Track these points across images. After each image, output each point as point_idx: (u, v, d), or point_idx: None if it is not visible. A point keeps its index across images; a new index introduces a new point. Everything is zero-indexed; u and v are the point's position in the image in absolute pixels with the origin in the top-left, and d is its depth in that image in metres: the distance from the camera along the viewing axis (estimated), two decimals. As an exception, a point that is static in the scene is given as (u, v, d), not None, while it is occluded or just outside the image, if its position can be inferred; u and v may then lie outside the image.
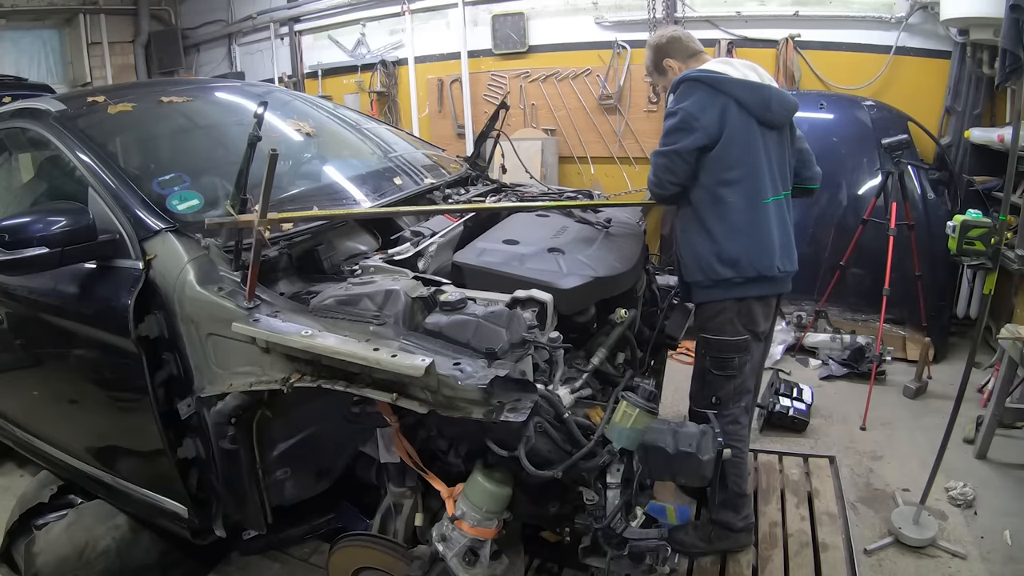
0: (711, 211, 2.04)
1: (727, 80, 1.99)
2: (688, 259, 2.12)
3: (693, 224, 2.09)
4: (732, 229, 2.03)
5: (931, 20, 4.03)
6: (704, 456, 1.49)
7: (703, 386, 2.18)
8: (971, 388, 3.07)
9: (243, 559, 2.38)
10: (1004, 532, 2.42)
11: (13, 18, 6.05)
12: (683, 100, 2.01)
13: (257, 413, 1.70)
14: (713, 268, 2.05)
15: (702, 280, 2.09)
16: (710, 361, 2.13)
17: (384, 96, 5.90)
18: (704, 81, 1.99)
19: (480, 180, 2.80)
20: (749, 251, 2.03)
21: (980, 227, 2.94)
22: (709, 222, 2.04)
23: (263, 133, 1.62)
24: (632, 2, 4.81)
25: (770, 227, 2.05)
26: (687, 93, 2.01)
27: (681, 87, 2.03)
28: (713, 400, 2.13)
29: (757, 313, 2.12)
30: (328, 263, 1.93)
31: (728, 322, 2.08)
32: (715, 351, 2.11)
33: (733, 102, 1.98)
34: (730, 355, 2.09)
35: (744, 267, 2.04)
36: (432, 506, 1.83)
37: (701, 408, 2.13)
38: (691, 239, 2.10)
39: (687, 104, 1.99)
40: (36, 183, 2.42)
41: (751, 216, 2.03)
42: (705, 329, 2.13)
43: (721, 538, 2.26)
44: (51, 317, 1.97)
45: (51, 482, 2.42)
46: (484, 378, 1.34)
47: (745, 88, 1.99)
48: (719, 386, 2.13)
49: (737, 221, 2.03)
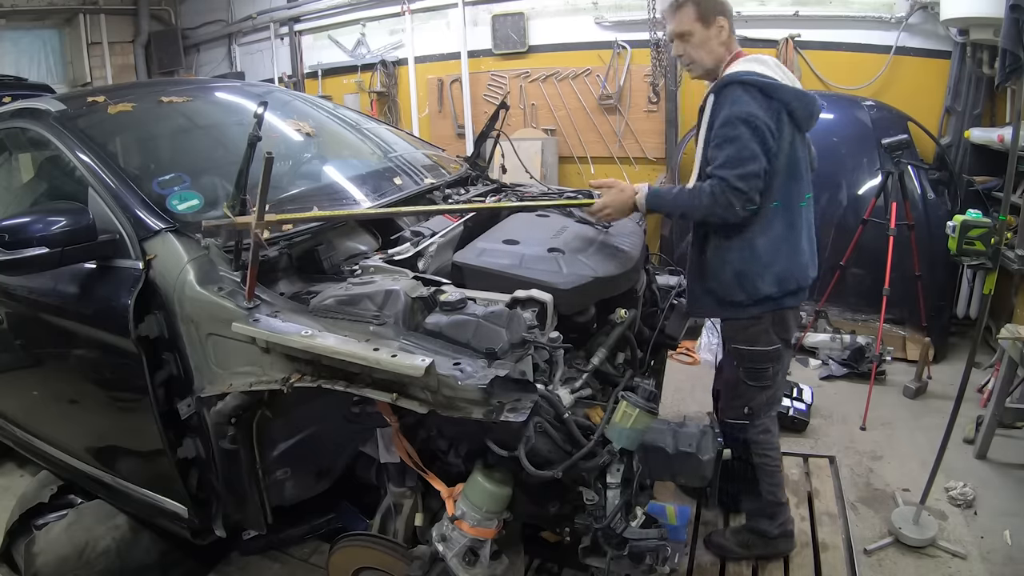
0: (755, 226, 1.92)
1: (780, 87, 1.85)
2: (727, 278, 1.98)
3: (733, 240, 1.95)
4: (776, 243, 1.94)
5: (931, 20, 4.03)
6: (704, 456, 1.49)
7: (735, 397, 2.11)
8: (971, 388, 3.06)
9: (243, 559, 2.38)
10: (1004, 532, 2.42)
11: (13, 18, 6.05)
12: (746, 105, 1.81)
13: (257, 413, 1.70)
14: (756, 286, 1.95)
15: (743, 300, 1.98)
16: (744, 372, 2.05)
17: (384, 96, 5.90)
18: (758, 86, 1.83)
19: (480, 180, 2.80)
20: (791, 264, 1.97)
21: (980, 227, 2.95)
22: (753, 237, 1.93)
23: (263, 133, 1.62)
24: (632, 2, 4.81)
25: (804, 235, 2.01)
26: (748, 99, 1.82)
27: (731, 90, 1.84)
28: (745, 411, 2.08)
29: (790, 321, 2.07)
30: (328, 263, 1.93)
31: (762, 333, 2.02)
32: (749, 362, 2.04)
33: (785, 111, 1.86)
34: (765, 365, 2.04)
35: (787, 282, 1.97)
36: (432, 506, 1.83)
37: (733, 419, 2.09)
38: (730, 256, 1.97)
39: (754, 110, 1.81)
40: (36, 183, 2.42)
41: (793, 228, 1.96)
42: (737, 341, 2.05)
43: (757, 545, 2.25)
44: (51, 317, 1.97)
45: (51, 482, 2.42)
46: (484, 378, 1.34)
47: (796, 97, 1.87)
48: (752, 397, 2.08)
49: (780, 235, 1.94)
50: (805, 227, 2.02)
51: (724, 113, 1.84)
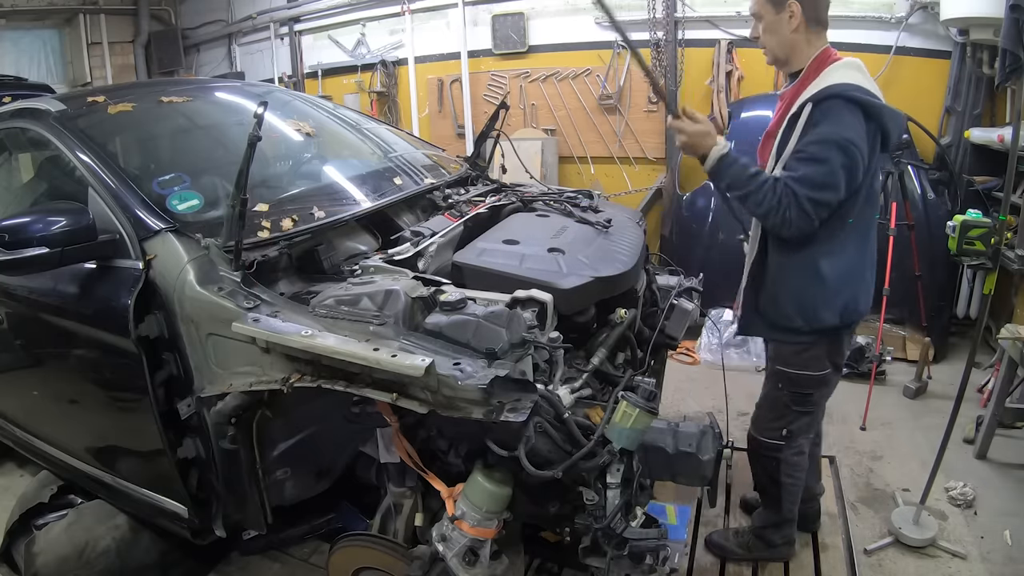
0: (823, 246, 1.80)
1: (881, 108, 1.70)
2: (790, 306, 1.86)
3: (801, 266, 1.83)
4: (847, 268, 1.83)
5: (931, 20, 4.03)
6: (704, 456, 1.49)
7: (776, 418, 2.02)
8: (971, 388, 3.06)
9: (243, 559, 2.38)
10: (1004, 532, 2.42)
11: (13, 18, 6.05)
12: (849, 129, 1.67)
13: (257, 413, 1.70)
14: (819, 316, 1.85)
15: (801, 326, 1.87)
16: (790, 397, 1.97)
17: (384, 96, 5.90)
18: (862, 106, 1.68)
19: (480, 180, 2.80)
20: (858, 294, 1.88)
21: (980, 227, 2.95)
22: (823, 265, 1.81)
23: (263, 133, 1.62)
24: (632, 2, 4.80)
25: (871, 259, 1.92)
26: (851, 120, 1.67)
27: (833, 106, 1.68)
28: (784, 433, 2.01)
29: (843, 345, 1.98)
30: (328, 263, 1.93)
31: (815, 359, 1.93)
32: (796, 387, 1.96)
33: (879, 133, 1.73)
34: (812, 390, 1.97)
35: (851, 313, 1.88)
36: (432, 506, 1.83)
37: (769, 439, 2.04)
38: (796, 284, 1.84)
39: (855, 136, 1.67)
40: (36, 183, 2.42)
41: (863, 252, 1.86)
42: (787, 364, 1.95)
43: (759, 549, 2.25)
44: (51, 317, 1.97)
45: (51, 482, 2.42)
46: (484, 378, 1.34)
47: (891, 118, 1.73)
48: (792, 420, 2.01)
49: (851, 259, 1.84)
50: (872, 250, 1.92)
51: (821, 130, 1.69)
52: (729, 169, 1.79)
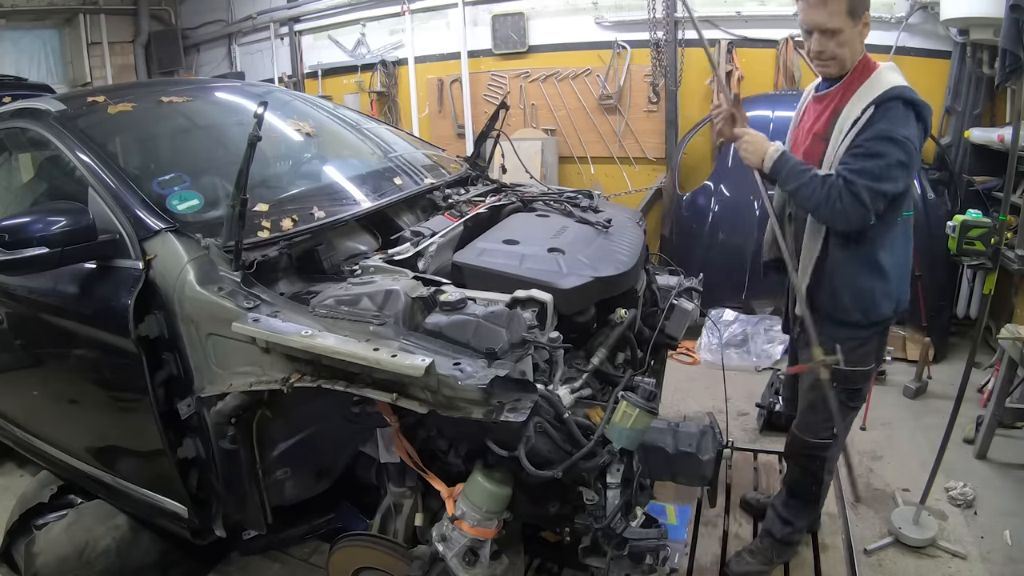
0: (880, 240, 1.84)
1: (928, 108, 1.76)
2: (849, 299, 1.88)
3: (861, 259, 1.85)
4: (900, 260, 1.89)
5: (931, 20, 4.03)
6: (704, 456, 1.49)
7: (828, 418, 1.97)
8: (971, 388, 3.06)
9: (243, 559, 2.38)
10: (1004, 532, 2.42)
11: (13, 18, 6.05)
12: (904, 127, 1.71)
13: (257, 413, 1.70)
14: (878, 308, 1.88)
15: (860, 320, 1.90)
16: (845, 394, 1.95)
17: (384, 96, 5.90)
18: (916, 106, 1.73)
19: (480, 180, 2.80)
20: (907, 286, 1.93)
21: (980, 227, 2.94)
22: (882, 258, 1.85)
23: (263, 133, 1.62)
24: (632, 2, 4.81)
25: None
26: (905, 119, 1.72)
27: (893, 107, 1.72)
28: (833, 431, 2.00)
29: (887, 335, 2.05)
30: (328, 263, 1.93)
31: (868, 353, 1.96)
32: (850, 383, 1.94)
33: (925, 132, 1.78)
34: (861, 385, 2.00)
35: (902, 304, 1.92)
36: (432, 506, 1.83)
37: (817, 439, 2.03)
38: (857, 277, 1.86)
39: (910, 133, 1.71)
40: (36, 183, 2.42)
41: (909, 242, 1.93)
42: (850, 363, 1.89)
43: (785, 552, 2.23)
44: (51, 317, 1.97)
45: (51, 482, 2.42)
46: (484, 378, 1.34)
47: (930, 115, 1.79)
48: (843, 417, 2.00)
49: (902, 250, 1.90)
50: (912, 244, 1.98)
51: (878, 127, 1.72)
52: (788, 167, 1.84)
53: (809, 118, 1.98)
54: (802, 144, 1.97)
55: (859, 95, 1.78)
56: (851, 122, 1.77)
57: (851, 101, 1.80)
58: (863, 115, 1.75)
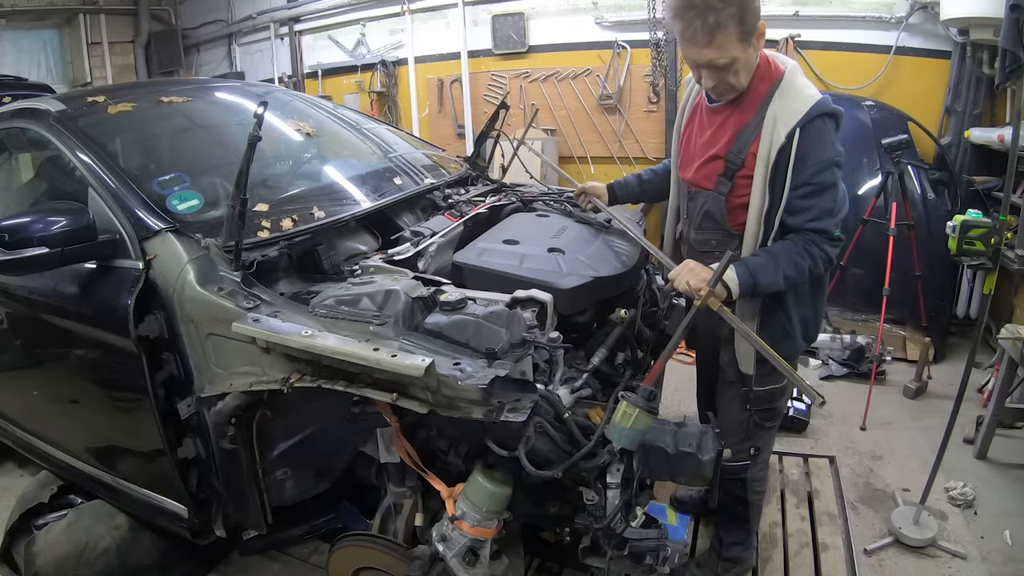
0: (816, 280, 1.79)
1: (841, 112, 1.65)
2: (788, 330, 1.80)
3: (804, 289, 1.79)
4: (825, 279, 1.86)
5: (931, 20, 4.03)
6: (704, 456, 1.49)
7: (745, 439, 1.95)
8: (971, 388, 3.07)
9: (243, 559, 2.38)
10: (1004, 532, 2.42)
11: (13, 18, 6.05)
12: (834, 143, 1.61)
13: (257, 413, 1.70)
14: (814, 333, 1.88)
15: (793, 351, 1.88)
16: (759, 414, 1.92)
17: (384, 96, 5.90)
18: (836, 117, 1.62)
19: (480, 180, 2.80)
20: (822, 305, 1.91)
21: (980, 227, 2.95)
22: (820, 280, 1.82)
23: (263, 133, 1.62)
24: (632, 2, 4.81)
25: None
26: (833, 135, 1.61)
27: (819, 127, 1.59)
28: (752, 451, 1.97)
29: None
30: (328, 263, 1.93)
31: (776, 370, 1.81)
32: (766, 403, 1.91)
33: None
34: (779, 403, 1.97)
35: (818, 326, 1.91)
36: (432, 506, 1.83)
37: (738, 461, 1.93)
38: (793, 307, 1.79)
39: (840, 149, 1.61)
40: (36, 183, 2.42)
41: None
42: (761, 384, 1.85)
43: (729, 568, 2.20)
44: (51, 317, 1.97)
45: (51, 482, 2.42)
46: (484, 378, 1.34)
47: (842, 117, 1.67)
48: (762, 436, 1.99)
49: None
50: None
51: (818, 156, 1.59)
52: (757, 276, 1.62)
53: (703, 129, 1.81)
54: (696, 160, 1.82)
55: (772, 113, 1.61)
56: (777, 150, 1.60)
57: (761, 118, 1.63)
58: (790, 142, 1.58)
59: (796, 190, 1.62)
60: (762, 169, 1.64)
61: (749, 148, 1.67)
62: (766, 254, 1.66)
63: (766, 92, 1.66)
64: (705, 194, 1.81)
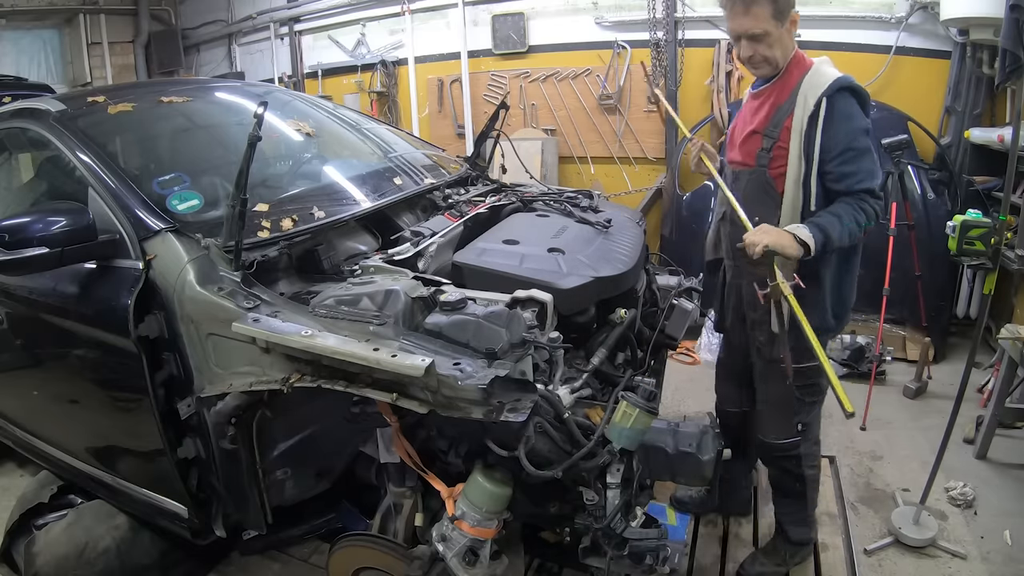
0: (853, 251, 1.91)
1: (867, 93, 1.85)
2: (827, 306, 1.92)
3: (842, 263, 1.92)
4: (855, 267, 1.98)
5: (931, 20, 4.03)
6: (704, 456, 1.49)
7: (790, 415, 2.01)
8: (971, 388, 3.06)
9: (243, 559, 2.38)
10: (1004, 532, 2.42)
11: (13, 18, 6.05)
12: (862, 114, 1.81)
13: (257, 413, 1.70)
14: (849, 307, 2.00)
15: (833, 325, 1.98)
16: (801, 390, 1.97)
17: (384, 96, 5.90)
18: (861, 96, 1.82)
19: (480, 180, 2.80)
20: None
21: (980, 227, 2.95)
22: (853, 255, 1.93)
23: (263, 133, 1.62)
24: (632, 2, 4.81)
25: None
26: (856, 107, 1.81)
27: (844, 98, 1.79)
28: (800, 427, 2.03)
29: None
30: (328, 263, 1.93)
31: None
32: (807, 378, 1.94)
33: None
34: (816, 379, 1.99)
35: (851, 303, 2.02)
36: (432, 506, 1.83)
37: (787, 439, 2.03)
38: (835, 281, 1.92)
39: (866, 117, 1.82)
40: (36, 183, 2.42)
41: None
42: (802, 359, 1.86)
43: (796, 554, 2.21)
44: (51, 317, 1.97)
45: (51, 482, 2.42)
46: (484, 378, 1.34)
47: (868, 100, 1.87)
48: (808, 411, 2.04)
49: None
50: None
51: (848, 125, 1.78)
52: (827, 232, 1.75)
53: (746, 115, 2.02)
54: (738, 140, 2.02)
55: (803, 91, 1.82)
56: (808, 118, 1.79)
57: (795, 98, 1.83)
58: (818, 109, 1.78)
59: (837, 157, 1.79)
60: (796, 139, 1.81)
61: (784, 123, 1.85)
62: (828, 214, 1.80)
63: (799, 77, 1.86)
64: (748, 172, 1.97)
